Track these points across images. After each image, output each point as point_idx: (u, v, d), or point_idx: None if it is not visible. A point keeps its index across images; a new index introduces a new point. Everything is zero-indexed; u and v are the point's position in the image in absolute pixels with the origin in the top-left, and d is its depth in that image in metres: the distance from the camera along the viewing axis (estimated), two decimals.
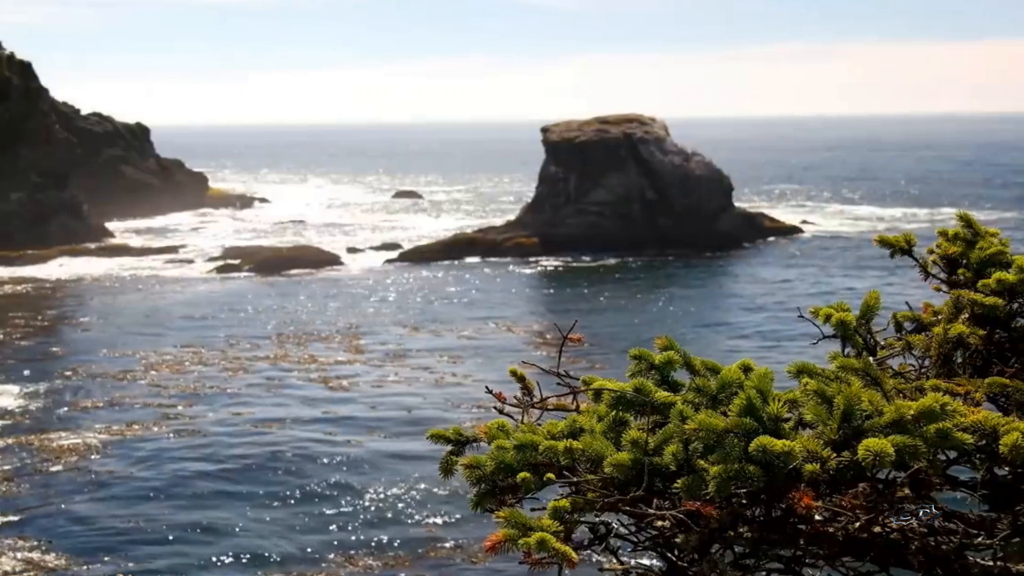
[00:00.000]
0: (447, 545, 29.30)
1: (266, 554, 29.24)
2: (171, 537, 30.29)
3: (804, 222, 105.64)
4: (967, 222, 5.86)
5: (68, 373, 49.01)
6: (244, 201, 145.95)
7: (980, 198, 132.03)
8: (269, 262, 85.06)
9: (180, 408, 42.87)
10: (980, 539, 4.50)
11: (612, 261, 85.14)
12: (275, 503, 32.69)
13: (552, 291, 75.19)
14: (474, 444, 4.98)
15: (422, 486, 33.42)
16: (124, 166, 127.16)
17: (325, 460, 36.38)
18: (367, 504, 32.58)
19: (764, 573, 4.67)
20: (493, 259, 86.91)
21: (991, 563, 4.52)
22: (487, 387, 5.55)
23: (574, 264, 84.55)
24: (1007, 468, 4.62)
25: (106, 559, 28.90)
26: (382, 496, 33.11)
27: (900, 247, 5.89)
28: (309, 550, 29.52)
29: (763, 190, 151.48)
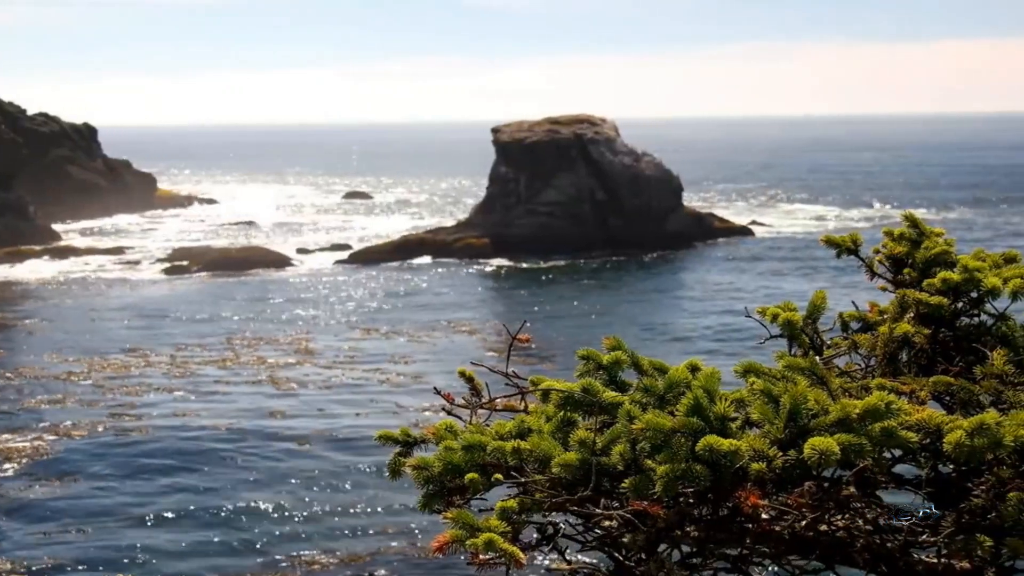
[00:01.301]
0: (396, 545, 29.24)
1: (215, 554, 29.06)
2: (117, 538, 30.04)
3: (754, 222, 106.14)
4: (913, 222, 5.90)
5: (10, 375, 48.52)
6: (193, 201, 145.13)
7: (930, 198, 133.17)
8: (218, 263, 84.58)
9: (125, 410, 42.52)
10: (925, 536, 4.53)
11: (562, 262, 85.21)
12: (223, 504, 32.49)
13: (502, 292, 75.19)
14: (422, 445, 4.96)
15: (372, 487, 33.35)
16: (71, 167, 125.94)
17: (274, 462, 36.20)
18: (318, 504, 32.45)
19: (711, 572, 4.69)
20: (443, 260, 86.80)
21: (935, 560, 4.55)
22: (435, 388, 5.54)
23: (524, 265, 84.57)
24: (951, 466, 4.65)
25: (48, 561, 28.64)
26: (332, 496, 33.00)
27: (846, 247, 5.93)
28: (259, 549, 29.38)
29: (715, 190, 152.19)
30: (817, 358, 5.25)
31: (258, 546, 29.72)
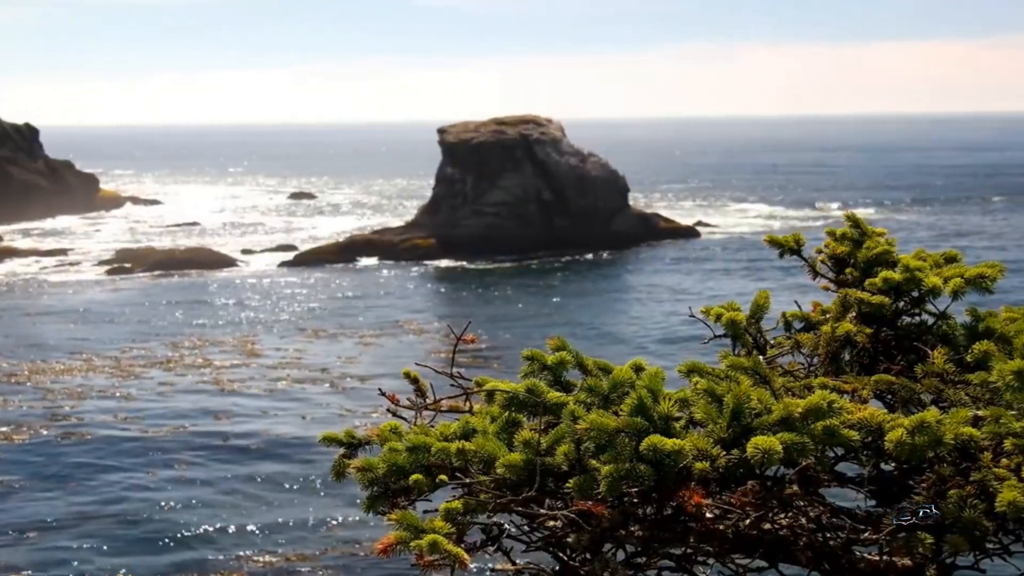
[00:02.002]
0: (341, 547, 29.15)
1: (158, 555, 28.86)
2: (58, 541, 29.77)
3: (700, 223, 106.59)
4: (855, 222, 5.94)
5: None
6: (137, 202, 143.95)
7: (875, 198, 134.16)
8: (162, 264, 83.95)
9: (67, 413, 42.10)
10: (867, 534, 4.56)
11: (508, 262, 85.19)
12: (167, 506, 32.25)
13: (449, 293, 75.09)
14: (367, 446, 4.94)
15: (316, 488, 33.22)
16: (11, 167, 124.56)
17: (219, 464, 35.99)
18: (263, 505, 32.29)
19: (655, 571, 4.70)
20: (390, 261, 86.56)
21: (877, 558, 4.59)
22: (380, 389, 5.52)
23: (471, 265, 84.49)
24: (893, 464, 4.68)
25: None
26: (277, 498, 32.84)
27: (789, 247, 5.96)
28: (203, 549, 29.22)
29: (662, 190, 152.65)
30: (760, 357, 5.27)
31: (203, 547, 29.53)
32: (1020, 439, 4.34)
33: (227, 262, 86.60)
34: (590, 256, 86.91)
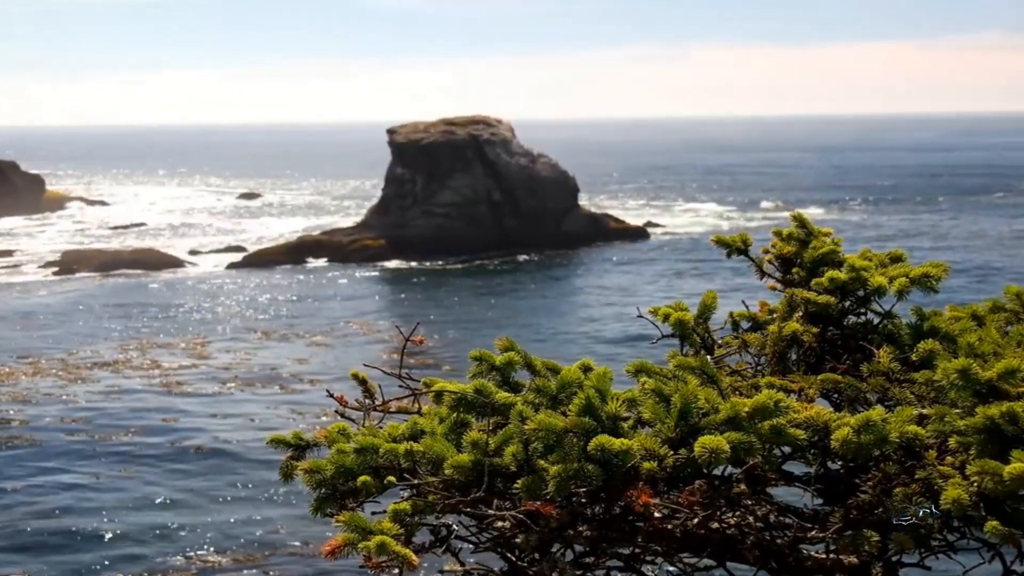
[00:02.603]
0: (289, 549, 29.05)
1: (107, 554, 28.66)
2: (1, 543, 29.51)
3: (649, 223, 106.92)
4: (801, 222, 5.97)
5: None
6: (83, 204, 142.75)
7: (823, 198, 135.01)
8: (109, 265, 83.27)
9: (14, 417, 41.68)
10: (814, 532, 4.59)
11: (459, 263, 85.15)
12: (116, 507, 32.03)
13: (399, 293, 74.93)
14: (315, 448, 4.92)
15: (265, 490, 33.07)
16: None
17: (168, 465, 35.78)
18: (212, 507, 32.12)
19: (604, 571, 4.70)
20: (339, 262, 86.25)
21: (824, 556, 4.61)
22: (328, 391, 5.50)
23: (421, 266, 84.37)
24: (839, 462, 4.71)
25: None
26: (226, 500, 32.68)
27: (736, 247, 5.98)
28: (152, 550, 29.04)
29: (612, 191, 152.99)
30: (708, 357, 5.29)
31: (151, 549, 29.35)
32: (964, 437, 4.37)
33: (175, 263, 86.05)
34: (540, 257, 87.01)
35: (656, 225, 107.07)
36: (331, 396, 5.32)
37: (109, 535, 30.41)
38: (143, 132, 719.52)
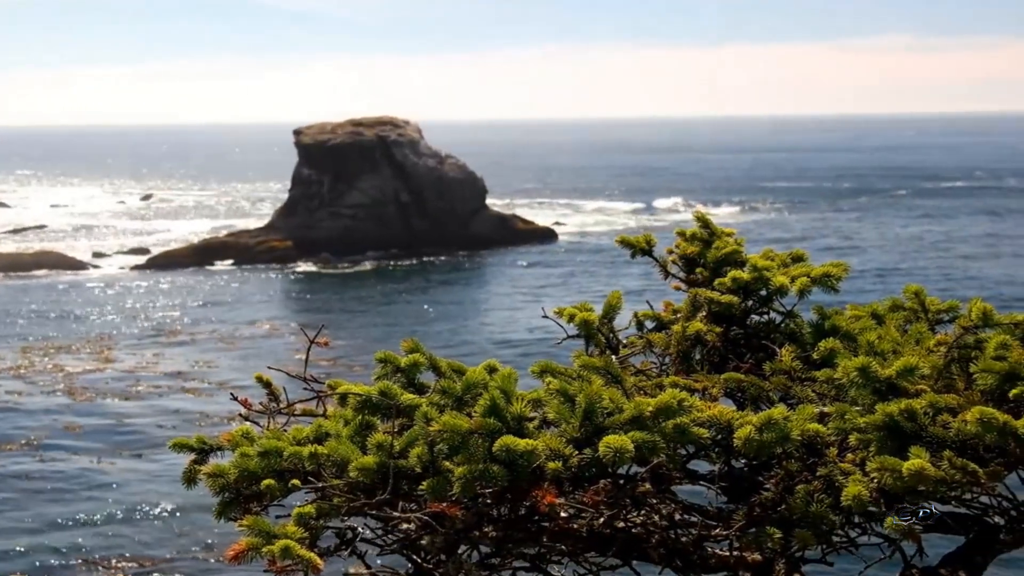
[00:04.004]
0: (193, 553, 28.80)
1: (9, 565, 28.20)
2: None
3: (558, 224, 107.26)
4: (704, 223, 6.02)
5: None
6: None
7: (727, 197, 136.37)
8: (8, 267, 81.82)
9: None
10: (718, 530, 4.63)
11: (367, 264, 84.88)
12: (17, 515, 31.52)
13: (306, 295, 74.49)
14: (219, 452, 4.88)
15: (168, 495, 32.71)
16: None
17: (73, 469, 35.27)
18: (115, 513, 31.71)
19: (510, 571, 4.71)
20: (246, 263, 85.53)
21: (728, 553, 4.65)
22: (232, 394, 5.45)
23: (329, 268, 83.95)
24: (743, 460, 4.76)
25: None
26: (129, 506, 32.28)
27: (641, 248, 6.02)
28: (54, 561, 28.62)
29: (520, 191, 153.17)
30: (613, 357, 5.32)
31: (54, 553, 28.93)
32: (864, 434, 4.44)
33: (77, 265, 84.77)
34: (448, 258, 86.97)
35: (564, 225, 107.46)
36: (235, 399, 5.27)
37: (9, 536, 29.95)
38: (42, 133, 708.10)
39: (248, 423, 5.01)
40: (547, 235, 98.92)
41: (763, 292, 5.58)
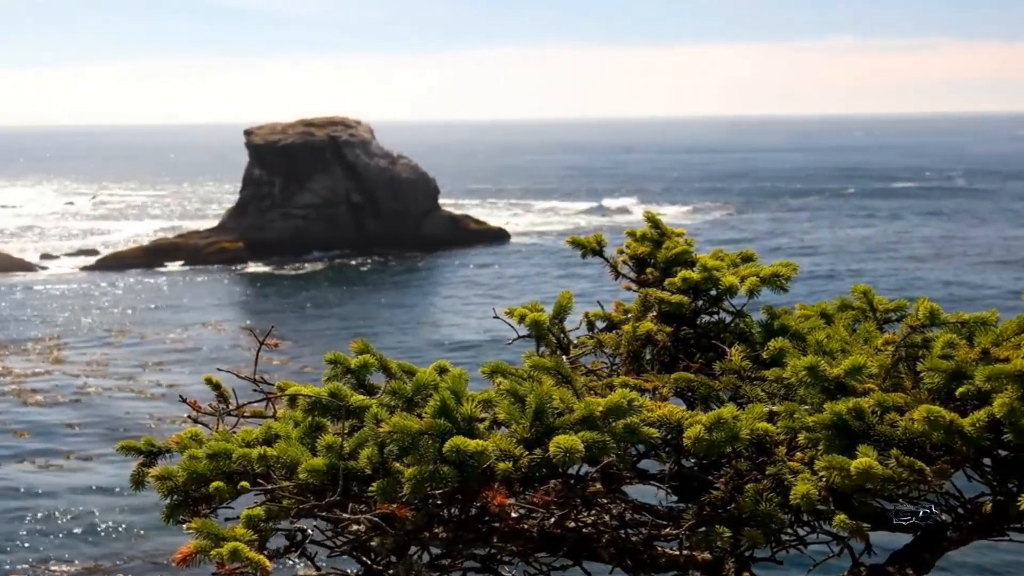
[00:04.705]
0: (141, 556, 28.62)
1: None
2: None
3: (509, 224, 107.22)
4: (654, 223, 6.03)
5: None
6: None
7: (676, 198, 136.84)
8: None
9: None
10: (668, 530, 4.64)
11: (319, 265, 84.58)
12: None
13: (257, 296, 74.15)
14: (167, 455, 4.84)
15: (117, 499, 32.47)
16: None
17: (20, 473, 34.94)
18: (62, 517, 31.44)
19: (460, 572, 4.70)
20: (197, 264, 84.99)
21: (677, 552, 4.67)
22: (181, 396, 5.42)
23: (280, 268, 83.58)
24: (693, 460, 4.77)
25: None
26: (77, 510, 32.01)
27: (591, 248, 6.03)
28: (2, 560, 28.37)
29: (471, 192, 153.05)
30: (563, 357, 5.32)
31: (1, 557, 28.67)
32: (813, 433, 4.46)
33: (25, 267, 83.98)
34: (400, 258, 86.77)
35: (515, 226, 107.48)
36: (184, 401, 5.24)
37: None
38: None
39: (197, 425, 4.97)
40: (499, 235, 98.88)
41: (713, 292, 5.61)
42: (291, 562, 4.60)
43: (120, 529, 30.63)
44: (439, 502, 4.35)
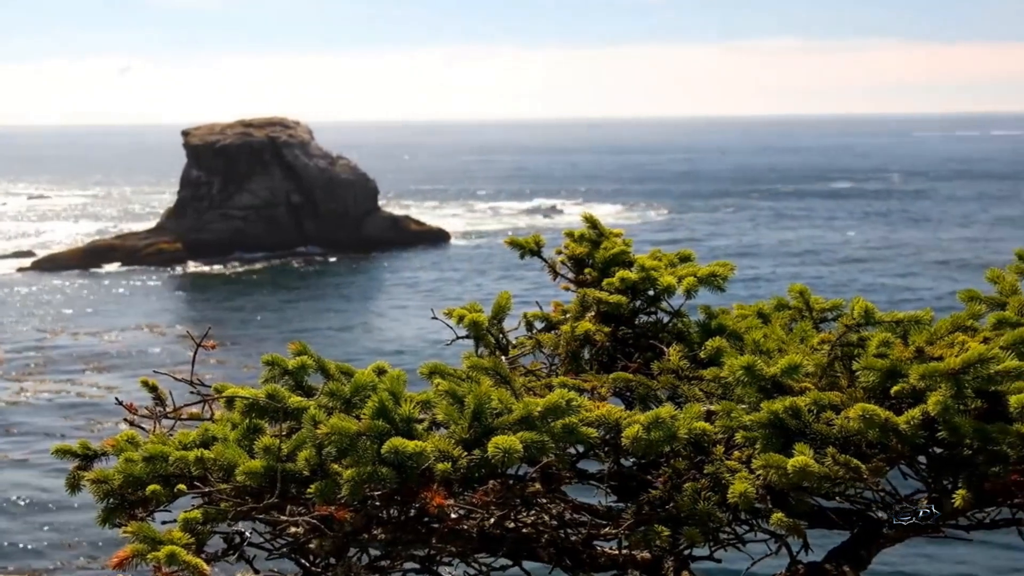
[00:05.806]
0: (77, 562, 28.37)
1: None
2: None
3: (450, 225, 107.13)
4: (592, 223, 6.05)
5: None
6: None
7: (618, 198, 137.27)
8: None
9: None
10: (607, 529, 4.65)
11: (258, 266, 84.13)
12: None
13: (195, 297, 73.67)
14: (103, 458, 4.80)
15: (52, 502, 32.14)
16: None
17: None
18: None
19: (400, 573, 4.70)
20: (135, 266, 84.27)
21: (617, 552, 4.68)
22: (117, 398, 5.37)
23: (219, 269, 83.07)
24: (632, 459, 4.79)
25: None
26: (11, 514, 31.71)
27: (530, 248, 6.03)
28: None
29: (412, 192, 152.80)
30: (502, 358, 5.33)
31: None
32: (750, 432, 4.49)
33: None
34: (340, 259, 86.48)
35: (456, 226, 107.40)
36: (120, 404, 5.19)
37: None
38: None
39: (133, 428, 4.93)
40: (439, 236, 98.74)
41: (651, 292, 5.63)
42: (229, 565, 4.57)
43: (55, 534, 30.34)
44: (378, 503, 4.33)
